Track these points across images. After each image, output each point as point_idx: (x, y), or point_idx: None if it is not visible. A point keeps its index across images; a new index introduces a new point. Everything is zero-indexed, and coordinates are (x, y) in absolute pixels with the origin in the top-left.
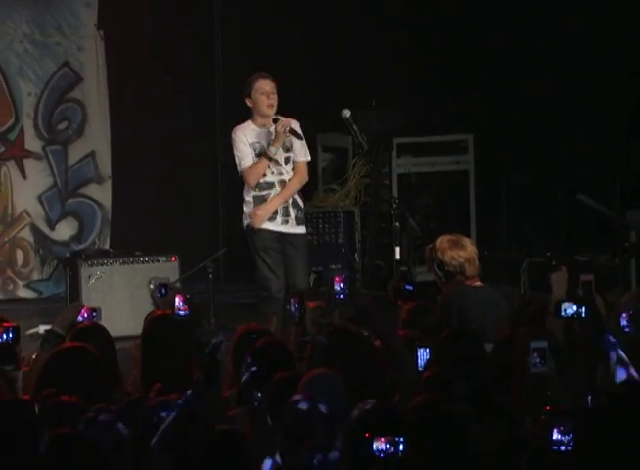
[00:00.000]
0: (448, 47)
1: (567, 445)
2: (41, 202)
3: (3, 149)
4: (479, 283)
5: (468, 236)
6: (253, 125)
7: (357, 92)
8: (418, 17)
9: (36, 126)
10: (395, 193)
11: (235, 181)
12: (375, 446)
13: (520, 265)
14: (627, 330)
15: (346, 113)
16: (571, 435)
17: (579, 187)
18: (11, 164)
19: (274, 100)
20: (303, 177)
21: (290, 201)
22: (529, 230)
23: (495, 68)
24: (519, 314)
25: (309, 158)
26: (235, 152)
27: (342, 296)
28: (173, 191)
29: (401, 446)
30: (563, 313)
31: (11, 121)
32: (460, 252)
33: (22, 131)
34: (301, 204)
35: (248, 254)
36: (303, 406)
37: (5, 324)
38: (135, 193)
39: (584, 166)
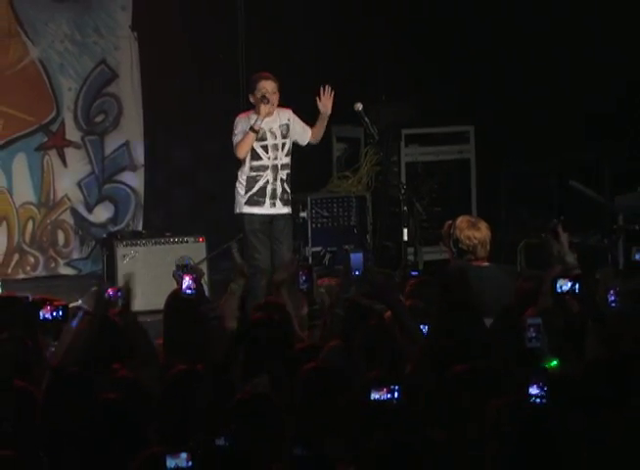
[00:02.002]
0: (452, 46)
1: (542, 398)
2: (80, 187)
3: (46, 139)
4: (486, 264)
5: None
6: (255, 115)
7: (369, 87)
8: (424, 19)
9: (76, 119)
10: (403, 180)
11: None
12: (373, 394)
13: (517, 245)
14: (614, 305)
15: (359, 106)
16: (546, 389)
17: (571, 174)
18: (53, 152)
19: (274, 99)
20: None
21: (279, 184)
22: (525, 213)
23: (496, 65)
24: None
25: (310, 129)
26: (234, 132)
27: (357, 272)
28: (200, 178)
29: (396, 394)
30: (559, 289)
31: (53, 114)
32: (476, 233)
33: (62, 123)
34: (288, 188)
35: None
36: None
37: (55, 303)
38: (166, 179)
39: (576, 154)
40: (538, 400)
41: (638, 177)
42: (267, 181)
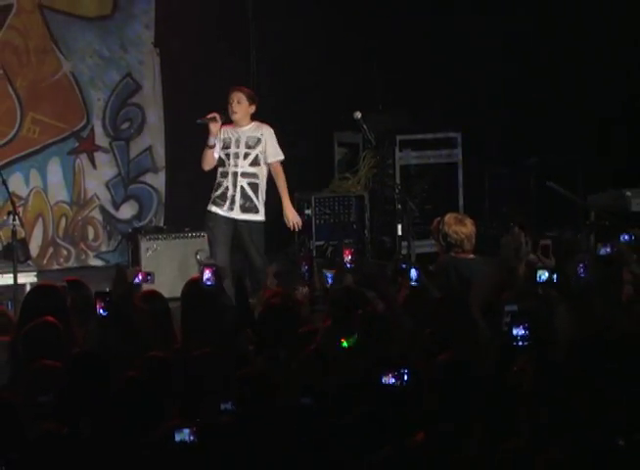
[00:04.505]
0: (443, 60)
1: (524, 340)
2: (108, 187)
3: (77, 144)
4: (471, 256)
5: None
6: (231, 125)
7: (367, 97)
8: (418, 36)
9: (104, 126)
10: (398, 180)
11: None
12: (384, 380)
13: (499, 240)
14: (582, 276)
15: (358, 114)
16: (527, 331)
17: (549, 175)
18: (83, 156)
19: (235, 107)
20: (280, 174)
21: (238, 191)
22: (506, 210)
23: (482, 77)
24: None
25: (281, 157)
26: None
27: (349, 265)
28: (215, 179)
29: (405, 377)
30: (538, 279)
31: (83, 122)
32: (462, 228)
33: (92, 130)
34: (252, 195)
35: (276, 227)
36: None
37: (107, 298)
38: (185, 180)
39: (553, 157)
40: (521, 343)
41: (608, 178)
42: (227, 188)
